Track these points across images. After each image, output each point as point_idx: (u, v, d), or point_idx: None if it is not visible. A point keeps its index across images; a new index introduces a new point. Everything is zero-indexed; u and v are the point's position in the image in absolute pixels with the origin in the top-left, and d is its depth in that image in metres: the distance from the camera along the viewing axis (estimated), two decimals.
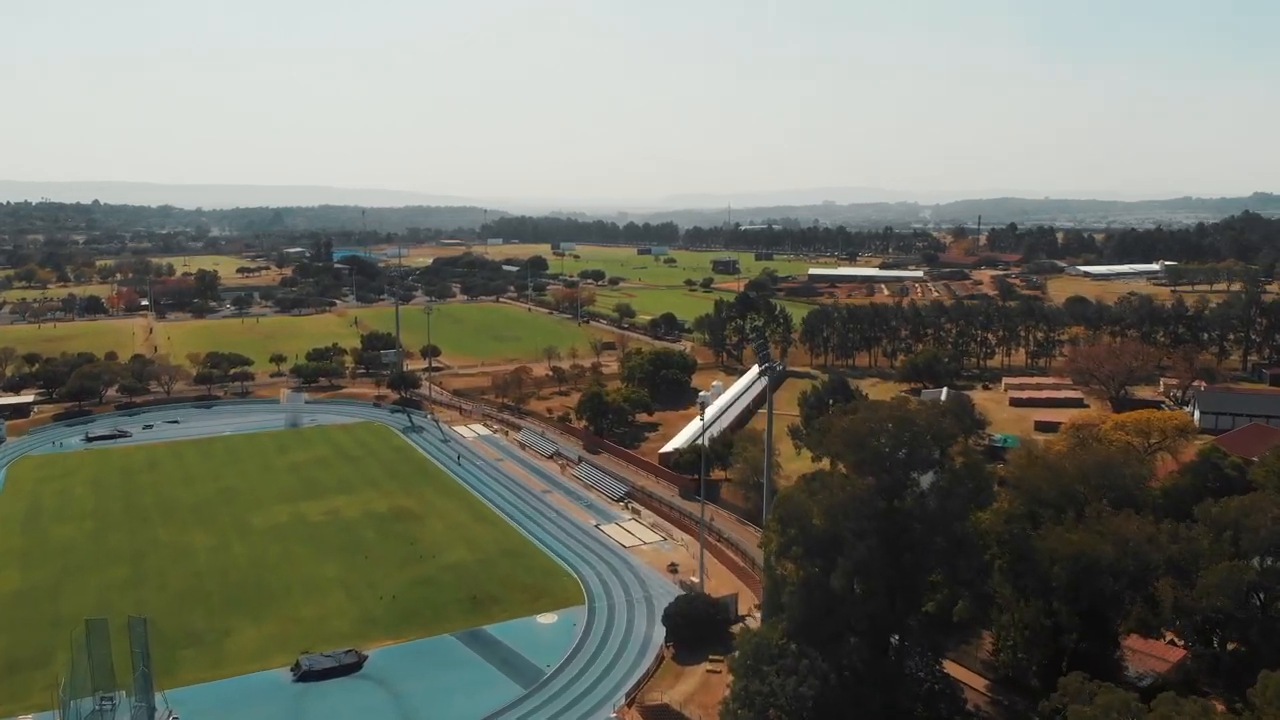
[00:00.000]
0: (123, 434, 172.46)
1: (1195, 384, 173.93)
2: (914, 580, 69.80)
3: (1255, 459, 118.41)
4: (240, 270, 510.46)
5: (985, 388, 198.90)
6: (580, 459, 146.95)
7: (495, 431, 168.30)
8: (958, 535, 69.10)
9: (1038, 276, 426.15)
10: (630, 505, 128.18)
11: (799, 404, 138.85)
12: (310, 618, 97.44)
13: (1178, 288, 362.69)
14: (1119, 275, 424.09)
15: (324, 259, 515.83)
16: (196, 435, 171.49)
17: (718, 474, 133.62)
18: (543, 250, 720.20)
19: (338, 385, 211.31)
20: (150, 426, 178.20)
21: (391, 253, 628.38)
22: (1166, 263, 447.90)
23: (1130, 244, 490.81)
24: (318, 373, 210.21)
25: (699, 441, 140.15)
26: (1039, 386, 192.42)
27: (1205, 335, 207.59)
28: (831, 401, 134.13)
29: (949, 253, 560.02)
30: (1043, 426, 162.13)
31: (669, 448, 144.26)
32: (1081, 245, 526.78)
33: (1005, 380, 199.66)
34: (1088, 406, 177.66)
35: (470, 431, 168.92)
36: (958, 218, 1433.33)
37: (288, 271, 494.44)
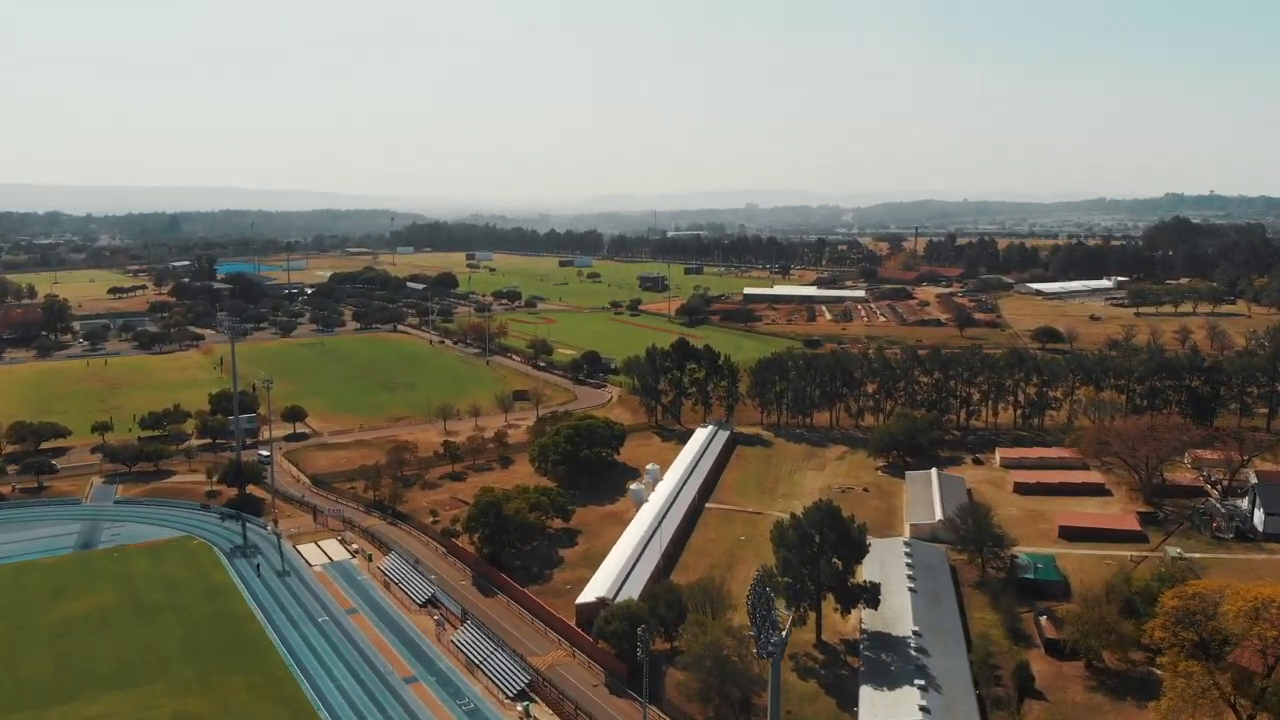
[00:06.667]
0: None
1: (1241, 462, 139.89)
2: None
3: None
4: (112, 291, 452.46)
5: (976, 461, 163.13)
6: (465, 615, 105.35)
7: (354, 554, 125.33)
8: None
9: (987, 295, 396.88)
10: (530, 712, 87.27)
11: (772, 539, 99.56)
12: None
13: (1141, 310, 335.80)
14: (1072, 293, 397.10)
15: (204, 277, 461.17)
16: None
17: (661, 644, 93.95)
18: (456, 260, 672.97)
19: (166, 470, 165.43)
20: None
21: (294, 264, 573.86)
22: (1119, 278, 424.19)
23: (1077, 258, 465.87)
24: (139, 456, 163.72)
25: (628, 596, 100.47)
26: (1042, 461, 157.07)
27: (1222, 389, 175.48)
28: (818, 536, 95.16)
29: (886, 266, 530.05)
30: (1070, 534, 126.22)
31: (590, 595, 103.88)
32: (1024, 258, 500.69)
33: (999, 452, 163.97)
34: (1110, 494, 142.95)
35: (320, 554, 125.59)
36: (880, 220, 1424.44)
37: (165, 292, 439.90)
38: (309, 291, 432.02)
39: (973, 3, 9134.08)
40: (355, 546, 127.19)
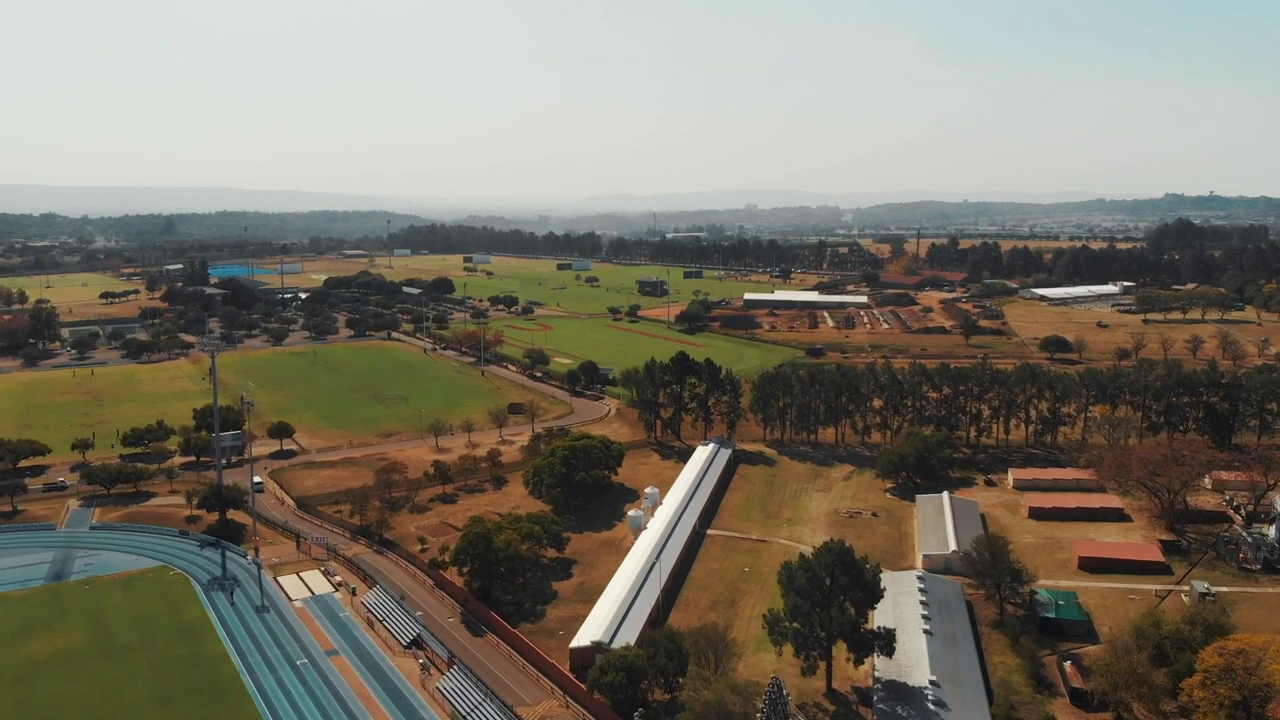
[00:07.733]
0: None
1: (1267, 486, 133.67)
2: None
3: None
4: (104, 296, 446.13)
5: (989, 483, 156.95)
6: (452, 658, 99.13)
7: (337, 587, 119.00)
8: None
9: (991, 301, 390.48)
10: None
11: (780, 581, 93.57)
12: None
13: (1149, 317, 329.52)
14: (1078, 299, 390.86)
15: (197, 281, 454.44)
16: None
17: (661, 695, 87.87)
18: (454, 263, 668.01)
19: (146, 492, 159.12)
20: None
21: (289, 268, 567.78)
22: (1125, 283, 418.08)
23: (1082, 262, 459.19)
24: (118, 477, 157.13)
25: (625, 640, 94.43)
26: (1057, 483, 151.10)
27: (1241, 406, 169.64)
28: (829, 580, 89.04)
29: (888, 271, 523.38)
30: (1091, 565, 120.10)
31: (585, 638, 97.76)
32: (1028, 262, 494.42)
33: (1013, 473, 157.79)
34: (1130, 519, 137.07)
35: (302, 586, 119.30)
36: (880, 221, 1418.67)
37: (157, 296, 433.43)
38: (303, 296, 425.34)
39: (973, 3, 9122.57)
40: (339, 579, 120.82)
